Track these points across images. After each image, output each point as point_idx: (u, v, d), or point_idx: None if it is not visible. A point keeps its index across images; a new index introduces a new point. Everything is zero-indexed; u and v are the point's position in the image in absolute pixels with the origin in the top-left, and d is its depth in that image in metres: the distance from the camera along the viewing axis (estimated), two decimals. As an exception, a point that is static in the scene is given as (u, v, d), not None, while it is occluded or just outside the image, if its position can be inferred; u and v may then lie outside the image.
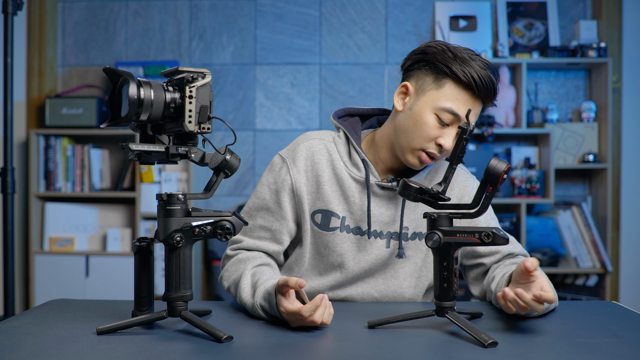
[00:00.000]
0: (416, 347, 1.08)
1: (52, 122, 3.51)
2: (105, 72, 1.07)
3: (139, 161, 1.10)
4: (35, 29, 3.67)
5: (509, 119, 3.50)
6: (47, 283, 3.47)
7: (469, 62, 1.35)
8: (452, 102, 1.35)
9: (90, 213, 3.61)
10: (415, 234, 1.48)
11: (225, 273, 1.45)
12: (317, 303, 1.16)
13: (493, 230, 1.10)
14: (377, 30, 3.71)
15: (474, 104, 1.37)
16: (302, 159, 1.47)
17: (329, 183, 1.46)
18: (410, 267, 1.49)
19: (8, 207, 2.33)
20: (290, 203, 1.47)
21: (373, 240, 1.46)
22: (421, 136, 1.38)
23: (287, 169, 1.47)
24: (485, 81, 1.35)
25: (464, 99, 1.35)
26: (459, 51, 1.37)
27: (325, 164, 1.47)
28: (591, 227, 3.43)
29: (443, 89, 1.37)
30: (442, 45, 1.39)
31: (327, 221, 1.46)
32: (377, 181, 1.45)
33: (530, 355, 1.02)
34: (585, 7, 3.67)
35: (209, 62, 3.74)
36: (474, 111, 1.37)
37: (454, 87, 1.36)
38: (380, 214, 1.45)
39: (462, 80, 1.35)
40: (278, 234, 1.48)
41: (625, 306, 1.40)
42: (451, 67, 1.35)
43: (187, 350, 1.05)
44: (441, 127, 1.37)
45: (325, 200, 1.46)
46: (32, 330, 1.18)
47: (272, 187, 1.48)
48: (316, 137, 1.50)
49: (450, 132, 1.37)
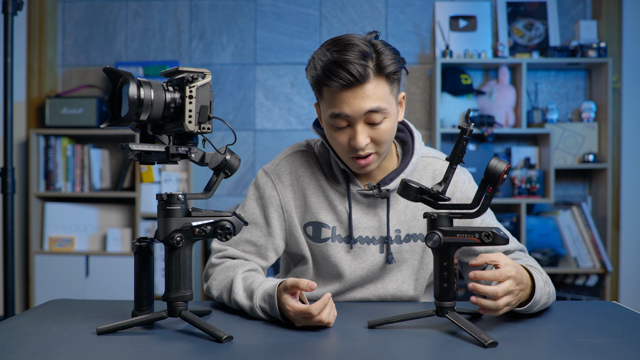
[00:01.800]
0: (416, 347, 1.08)
1: (52, 122, 3.51)
2: (105, 72, 1.07)
3: (139, 161, 1.10)
4: (35, 29, 3.67)
5: (509, 119, 3.50)
6: (47, 283, 3.47)
7: (325, 60, 1.28)
8: (333, 106, 1.30)
9: (90, 213, 3.61)
10: (409, 236, 1.47)
11: (213, 282, 1.42)
12: (325, 301, 1.17)
13: (493, 230, 1.10)
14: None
15: (363, 90, 1.27)
16: (286, 173, 1.47)
17: (315, 195, 1.46)
18: (408, 270, 1.48)
19: (8, 207, 2.33)
20: (279, 220, 1.46)
21: (366, 247, 1.46)
22: (338, 149, 1.37)
23: (273, 185, 1.47)
24: (350, 66, 1.24)
25: (342, 96, 1.28)
26: (318, 55, 1.31)
27: (309, 176, 1.46)
28: (591, 227, 3.43)
29: (323, 99, 1.34)
30: (312, 55, 1.34)
31: (319, 233, 1.46)
32: (359, 189, 1.43)
33: (530, 355, 1.02)
34: (585, 7, 3.67)
35: (209, 62, 3.74)
36: (371, 94, 1.27)
37: (327, 92, 1.31)
38: (368, 220, 1.45)
39: (325, 83, 1.29)
40: (264, 250, 1.47)
41: (625, 306, 1.40)
42: (312, 75, 1.32)
43: (187, 350, 1.05)
44: (345, 131, 1.33)
45: (313, 213, 1.45)
46: (32, 330, 1.18)
47: (259, 202, 1.48)
48: (299, 150, 1.50)
49: (355, 130, 1.31)
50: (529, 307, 1.22)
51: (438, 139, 3.42)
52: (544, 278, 1.30)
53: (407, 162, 1.44)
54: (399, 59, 1.32)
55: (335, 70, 1.26)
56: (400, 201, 1.46)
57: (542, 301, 1.26)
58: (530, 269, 1.26)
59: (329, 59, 1.27)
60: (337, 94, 1.29)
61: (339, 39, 1.30)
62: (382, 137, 1.33)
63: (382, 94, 1.30)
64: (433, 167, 1.49)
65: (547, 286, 1.29)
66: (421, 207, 1.46)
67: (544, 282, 1.27)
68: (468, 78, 3.54)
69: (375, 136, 1.33)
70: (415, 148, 1.46)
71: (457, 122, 3.59)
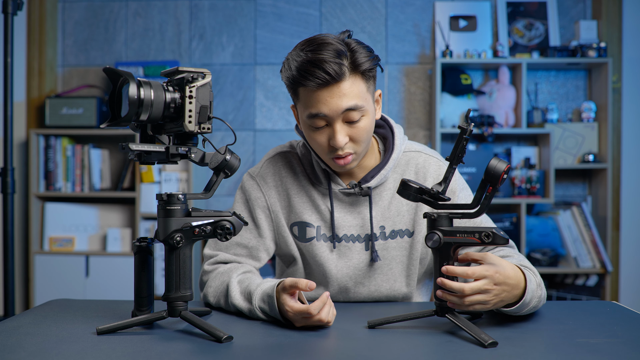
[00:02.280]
0: (416, 347, 1.08)
1: (52, 122, 3.51)
2: (105, 72, 1.07)
3: (139, 161, 1.10)
4: (35, 29, 3.67)
5: (509, 119, 3.50)
6: (47, 283, 3.47)
7: (300, 60, 1.27)
8: (311, 107, 1.30)
9: (90, 213, 3.61)
10: (394, 232, 1.46)
11: (209, 289, 1.41)
12: (324, 300, 1.17)
13: (493, 230, 1.11)
14: (377, 30, 3.71)
15: (339, 88, 1.27)
16: (270, 175, 1.48)
17: (299, 195, 1.46)
18: (397, 267, 1.48)
19: (8, 207, 2.33)
20: (267, 221, 1.47)
21: (351, 245, 1.46)
22: (318, 149, 1.37)
23: (258, 187, 1.48)
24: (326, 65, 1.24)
25: (319, 96, 1.28)
26: (292, 56, 1.30)
27: (292, 177, 1.47)
28: (591, 227, 3.43)
29: (299, 100, 1.34)
30: (287, 57, 1.33)
31: (304, 232, 1.46)
32: (340, 188, 1.43)
33: (530, 355, 1.02)
34: (585, 7, 3.67)
35: (209, 62, 3.74)
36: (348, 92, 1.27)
37: (303, 92, 1.31)
38: (352, 219, 1.45)
39: (300, 83, 1.29)
40: (255, 251, 1.47)
41: (625, 306, 1.40)
42: (287, 77, 1.31)
43: (187, 350, 1.05)
44: (324, 131, 1.33)
45: (298, 213, 1.46)
46: (32, 330, 1.18)
47: (246, 204, 1.49)
48: (281, 151, 1.51)
49: (334, 129, 1.31)
50: (516, 308, 1.18)
51: (438, 139, 3.42)
52: (538, 281, 1.25)
53: (388, 158, 1.44)
54: (373, 57, 1.32)
55: (311, 69, 1.26)
56: (384, 198, 1.45)
57: (532, 304, 1.22)
58: (525, 270, 1.22)
59: (304, 59, 1.27)
60: (313, 93, 1.29)
61: (313, 39, 1.30)
62: (360, 136, 1.33)
63: (359, 92, 1.30)
64: (415, 162, 1.48)
65: (540, 289, 1.25)
66: (405, 202, 1.46)
67: (537, 285, 1.23)
68: (468, 78, 3.54)
69: (353, 135, 1.33)
70: (395, 144, 1.46)
71: (457, 122, 3.59)
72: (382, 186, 1.46)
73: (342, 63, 1.27)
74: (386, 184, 1.46)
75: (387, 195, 1.46)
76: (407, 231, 1.46)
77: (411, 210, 1.46)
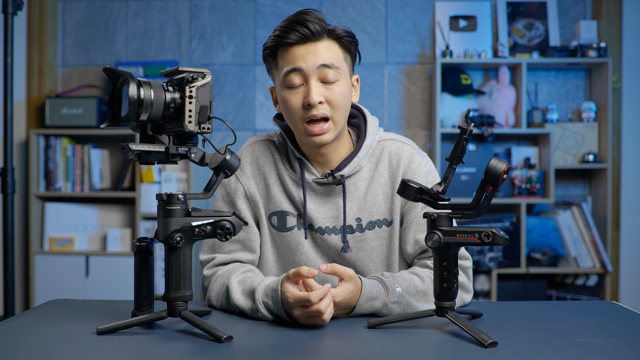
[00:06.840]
0: (416, 347, 1.08)
1: (52, 122, 3.51)
2: (105, 72, 1.07)
3: (139, 161, 1.10)
4: (35, 29, 3.67)
5: (509, 119, 3.50)
6: (47, 283, 3.47)
7: (284, 23, 1.38)
8: (288, 64, 1.36)
9: (90, 213, 3.61)
10: (371, 223, 1.45)
11: (211, 294, 1.41)
12: (325, 291, 1.17)
13: (493, 230, 1.10)
14: (377, 30, 3.71)
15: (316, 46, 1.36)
16: (247, 164, 1.48)
17: (276, 185, 1.47)
18: (378, 257, 1.46)
19: (8, 207, 2.33)
20: (248, 208, 1.47)
21: (327, 237, 1.45)
22: (293, 113, 1.38)
23: (236, 178, 1.48)
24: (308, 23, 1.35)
25: (297, 52, 1.36)
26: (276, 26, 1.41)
27: (270, 165, 1.48)
28: (591, 227, 3.43)
29: (278, 66, 1.40)
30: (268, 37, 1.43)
31: (284, 222, 1.46)
32: (314, 178, 1.43)
33: (530, 355, 1.02)
34: (585, 7, 3.67)
35: (209, 62, 3.74)
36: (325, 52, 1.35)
37: (282, 52, 1.38)
38: (327, 210, 1.44)
39: (282, 42, 1.36)
40: (248, 243, 1.47)
41: (625, 306, 1.40)
42: (269, 44, 1.39)
43: (187, 350, 1.05)
44: (299, 91, 1.36)
45: (276, 202, 1.46)
46: (32, 330, 1.18)
47: (226, 199, 1.49)
48: (258, 140, 1.51)
49: (309, 85, 1.35)
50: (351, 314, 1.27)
51: (438, 139, 3.42)
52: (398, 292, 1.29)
53: (360, 145, 1.44)
54: (350, 33, 1.40)
55: (294, 26, 1.35)
56: (359, 188, 1.45)
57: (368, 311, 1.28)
58: (387, 280, 1.30)
59: (288, 20, 1.37)
60: (292, 50, 1.36)
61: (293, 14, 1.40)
62: (337, 100, 1.36)
63: (335, 55, 1.37)
64: (389, 149, 1.47)
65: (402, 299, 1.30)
66: (380, 192, 1.45)
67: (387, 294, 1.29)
68: (468, 78, 3.55)
69: (329, 96, 1.36)
70: (367, 131, 1.46)
71: (457, 122, 3.59)
72: (356, 176, 1.45)
73: (323, 25, 1.36)
74: (361, 173, 1.45)
75: (362, 185, 1.45)
76: (385, 221, 1.45)
77: (387, 199, 1.45)
